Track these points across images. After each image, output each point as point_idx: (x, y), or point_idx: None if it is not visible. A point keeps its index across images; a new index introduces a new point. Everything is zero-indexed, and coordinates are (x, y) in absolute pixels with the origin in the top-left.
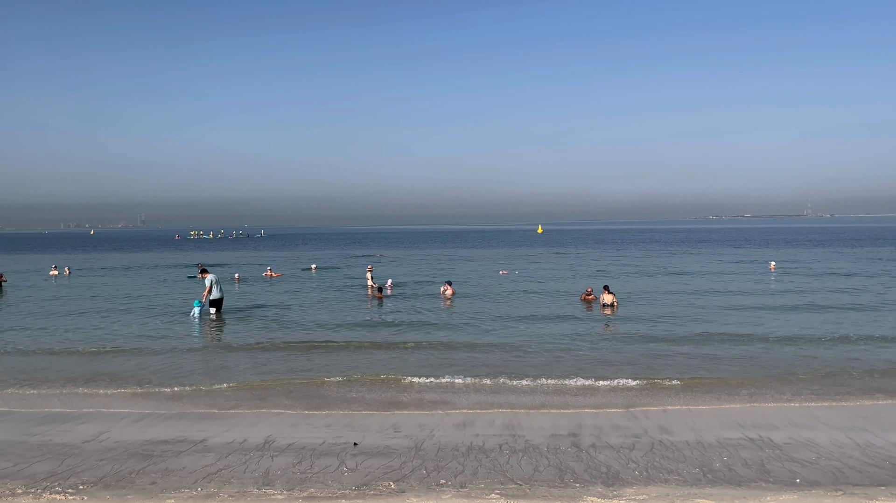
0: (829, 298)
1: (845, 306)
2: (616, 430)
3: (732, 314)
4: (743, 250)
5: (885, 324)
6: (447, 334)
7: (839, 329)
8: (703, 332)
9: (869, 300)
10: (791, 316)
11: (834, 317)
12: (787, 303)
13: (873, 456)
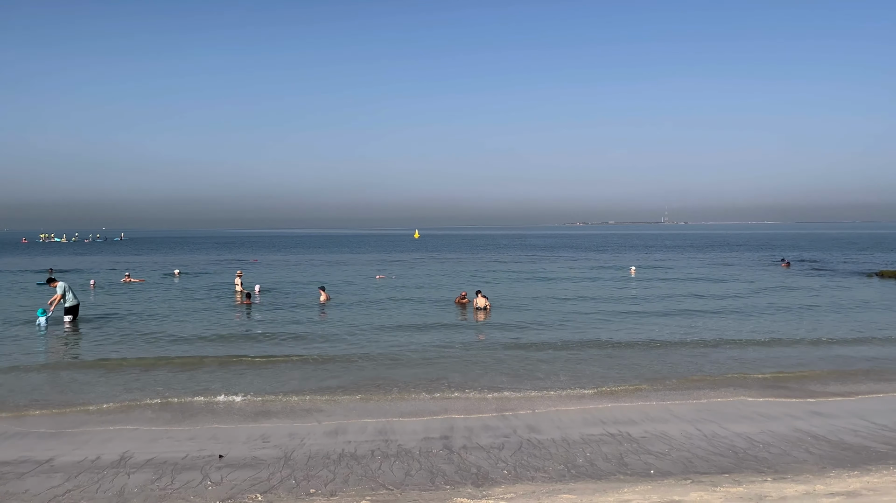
0: (683, 303)
1: (698, 310)
2: (487, 431)
3: (597, 319)
4: (608, 255)
5: (730, 326)
6: (318, 345)
7: (692, 331)
8: (569, 338)
9: (718, 304)
10: (648, 319)
11: (687, 321)
12: (648, 309)
13: (718, 445)
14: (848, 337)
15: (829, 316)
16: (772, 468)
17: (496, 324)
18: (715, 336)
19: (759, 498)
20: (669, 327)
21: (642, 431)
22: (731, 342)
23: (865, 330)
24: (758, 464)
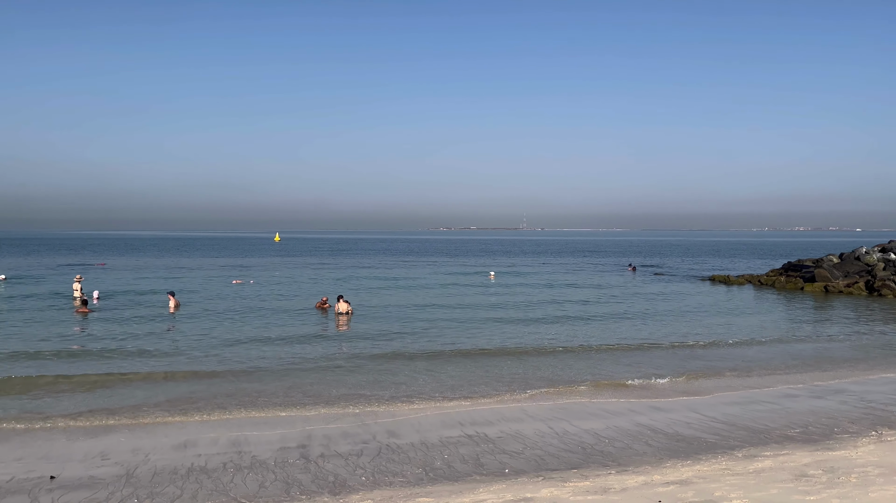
0: (540, 309)
1: (554, 316)
2: (346, 438)
3: (457, 325)
4: (469, 259)
5: (581, 331)
6: (167, 360)
7: (548, 336)
8: (430, 344)
9: (573, 309)
10: (507, 326)
11: (544, 327)
12: (506, 316)
13: (569, 442)
14: (687, 340)
15: (669, 318)
16: (615, 461)
17: (358, 331)
18: (568, 340)
19: (603, 490)
20: (526, 333)
21: (498, 432)
22: (583, 346)
23: (700, 331)
24: (603, 459)
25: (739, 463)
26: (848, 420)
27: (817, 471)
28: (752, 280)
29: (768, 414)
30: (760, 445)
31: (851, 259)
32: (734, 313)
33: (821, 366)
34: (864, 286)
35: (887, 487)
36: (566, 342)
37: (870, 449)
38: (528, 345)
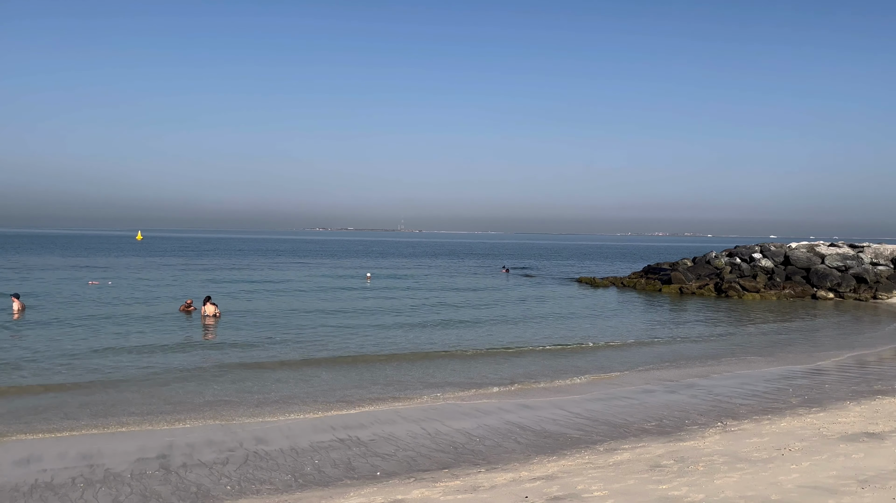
0: (414, 312)
1: (429, 320)
2: (211, 446)
3: (330, 328)
4: (346, 261)
5: (456, 333)
6: (8, 375)
7: (423, 337)
8: (302, 349)
9: (449, 312)
10: (381, 330)
11: (419, 330)
12: (381, 321)
13: (441, 442)
14: (557, 341)
15: (540, 320)
16: (486, 460)
17: (225, 336)
18: (443, 342)
19: (473, 489)
20: (402, 336)
21: (371, 434)
22: (457, 348)
23: (568, 332)
24: (474, 457)
25: (601, 456)
26: (697, 412)
27: (670, 462)
28: (615, 282)
29: (628, 409)
30: (620, 439)
31: (703, 263)
32: (600, 314)
33: (676, 364)
34: (714, 288)
35: (730, 474)
36: (442, 345)
37: (716, 439)
38: (404, 348)
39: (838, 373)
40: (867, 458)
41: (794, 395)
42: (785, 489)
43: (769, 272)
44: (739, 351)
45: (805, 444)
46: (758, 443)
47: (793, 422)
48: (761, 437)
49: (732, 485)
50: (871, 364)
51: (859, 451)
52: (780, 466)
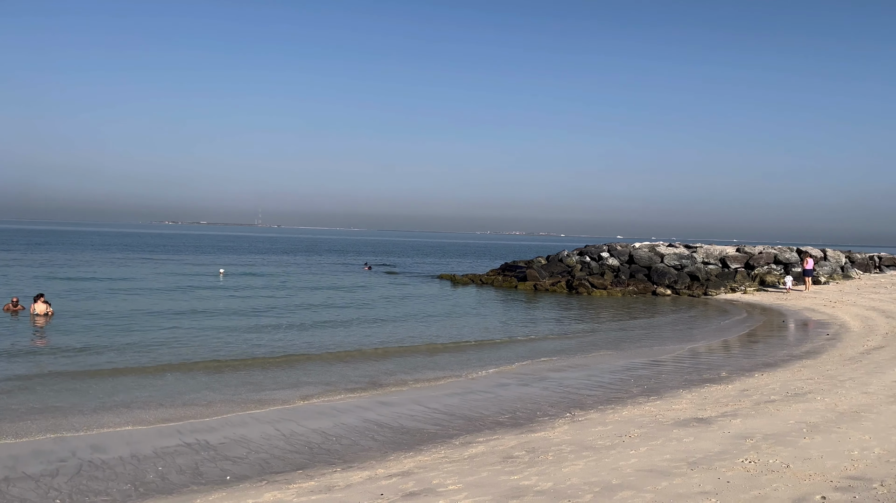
0: (271, 310)
1: (287, 318)
2: (38, 457)
3: (177, 329)
4: (199, 257)
5: (314, 333)
6: None
7: (279, 337)
8: (143, 352)
9: (308, 310)
10: (234, 332)
11: (275, 330)
12: (234, 322)
13: (295, 443)
14: (415, 342)
15: (400, 318)
16: (342, 459)
17: (58, 340)
18: (300, 342)
19: (327, 489)
20: (257, 336)
21: (221, 438)
22: (317, 350)
23: (427, 330)
24: (330, 457)
25: (456, 450)
26: (548, 404)
27: (522, 452)
28: (474, 279)
29: (483, 402)
30: (475, 432)
31: (556, 261)
32: (459, 311)
33: (530, 358)
34: (566, 285)
35: (577, 462)
36: (301, 346)
37: (565, 429)
38: (260, 351)
39: (674, 363)
40: (696, 442)
41: (636, 385)
42: (625, 473)
43: (615, 270)
44: (588, 344)
45: (643, 431)
46: (602, 432)
47: (633, 411)
48: (605, 426)
49: (578, 472)
50: (702, 355)
51: (690, 436)
52: (621, 452)
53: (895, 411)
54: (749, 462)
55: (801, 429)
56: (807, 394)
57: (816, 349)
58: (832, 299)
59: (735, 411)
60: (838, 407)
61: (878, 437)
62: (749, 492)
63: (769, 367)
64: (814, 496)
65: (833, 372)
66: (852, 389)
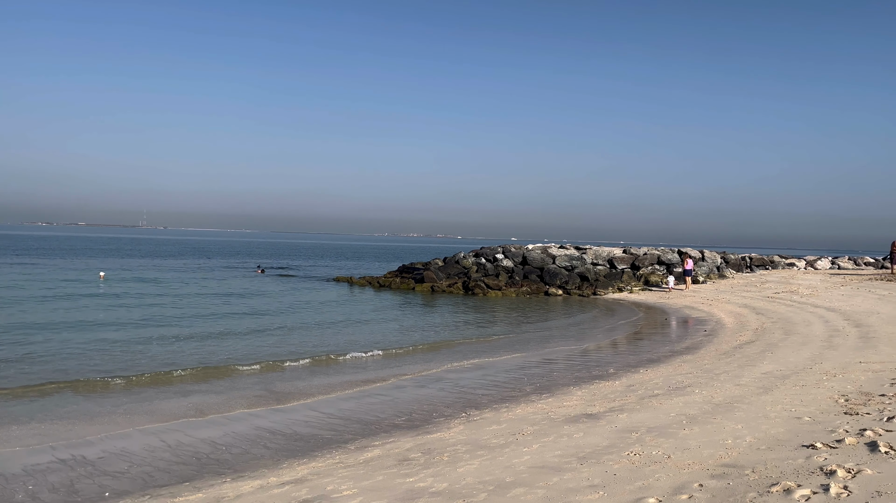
0: (156, 317)
1: (175, 325)
2: None
3: (50, 342)
4: (79, 260)
5: (204, 342)
6: None
7: (167, 346)
8: (14, 368)
9: (196, 317)
10: (115, 344)
11: (154, 345)
12: (115, 335)
13: (182, 454)
14: (313, 342)
15: (292, 325)
16: (232, 468)
17: None
18: (189, 353)
19: (216, 500)
20: (140, 352)
21: (100, 452)
22: (208, 361)
23: (321, 331)
24: (219, 467)
25: (351, 455)
26: (444, 405)
27: (417, 454)
28: (371, 281)
29: (380, 405)
30: (371, 436)
31: (453, 262)
32: (357, 315)
33: (426, 359)
34: (462, 286)
35: (471, 461)
36: (186, 355)
37: (460, 429)
38: (144, 362)
39: (565, 361)
40: (586, 437)
41: (529, 384)
42: (518, 471)
43: (510, 271)
44: (484, 344)
45: (536, 428)
46: (496, 430)
47: (526, 409)
48: (500, 424)
49: (473, 472)
50: (592, 353)
51: (580, 431)
52: (514, 450)
53: (764, 401)
54: (634, 454)
55: (682, 421)
56: (686, 388)
57: (695, 345)
58: (709, 297)
59: (622, 406)
60: (714, 399)
61: (749, 426)
62: (634, 484)
63: (653, 363)
64: (692, 484)
65: (710, 366)
66: (727, 382)
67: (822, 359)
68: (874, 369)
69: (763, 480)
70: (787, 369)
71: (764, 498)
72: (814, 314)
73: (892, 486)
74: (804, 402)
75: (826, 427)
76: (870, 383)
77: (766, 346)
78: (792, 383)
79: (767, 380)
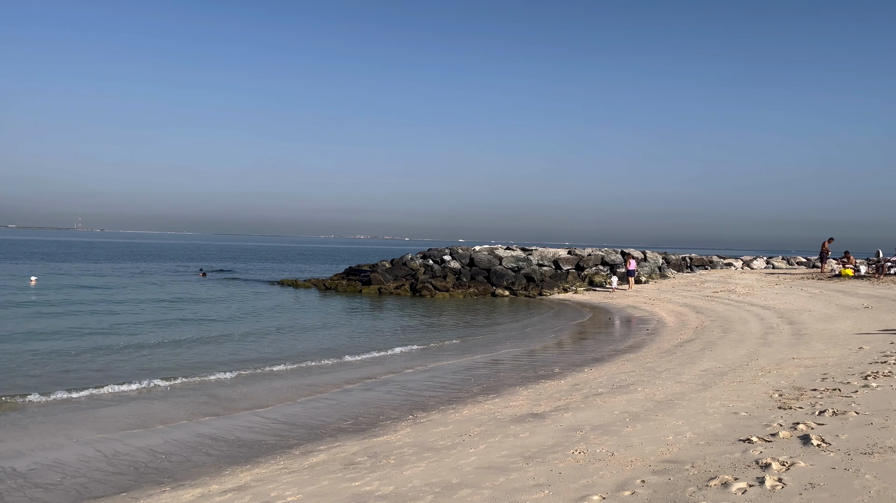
0: (90, 325)
1: (110, 332)
2: None
3: None
4: (8, 264)
5: (139, 350)
6: None
7: (100, 354)
8: None
9: (136, 330)
10: (46, 355)
11: (96, 347)
12: (50, 347)
13: (119, 464)
14: (257, 347)
15: (239, 327)
16: (172, 477)
17: None
18: (123, 363)
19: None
20: (73, 362)
21: (31, 463)
22: (145, 368)
23: (262, 339)
24: (158, 476)
25: (296, 460)
26: (391, 408)
27: (364, 458)
28: (317, 284)
29: (326, 410)
30: (316, 440)
31: (400, 264)
32: (301, 317)
33: (372, 362)
34: (410, 288)
35: (418, 464)
36: (119, 365)
37: (407, 431)
38: (73, 374)
39: (512, 362)
40: (532, 436)
41: (476, 385)
42: (464, 472)
43: (457, 272)
44: (431, 346)
45: (482, 429)
46: (443, 432)
47: (473, 409)
48: (446, 426)
49: (419, 474)
50: (538, 352)
51: (525, 431)
52: (461, 451)
53: (704, 398)
54: (579, 453)
55: (625, 419)
56: (629, 386)
57: (638, 344)
58: (651, 297)
59: (567, 405)
60: (656, 396)
61: (689, 423)
62: (578, 482)
63: (597, 362)
64: (635, 480)
65: (652, 364)
66: (668, 379)
67: (757, 356)
68: (806, 365)
69: (702, 475)
70: (725, 366)
71: (703, 492)
72: (750, 312)
73: (823, 478)
74: (741, 398)
75: (761, 421)
76: (802, 378)
77: (705, 344)
78: (729, 380)
79: (707, 377)
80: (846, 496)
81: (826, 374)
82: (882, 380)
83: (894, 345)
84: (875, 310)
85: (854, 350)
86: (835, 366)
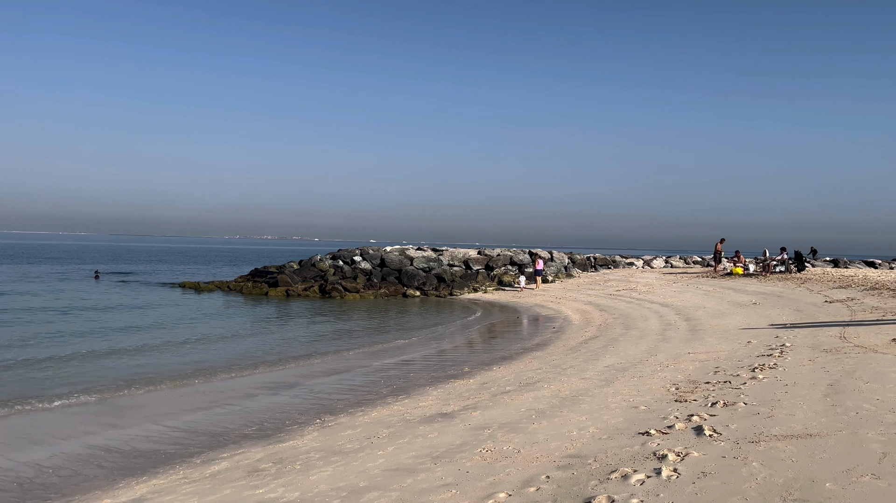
0: None
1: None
2: None
3: None
4: None
5: (25, 352)
6: None
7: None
8: None
9: (23, 333)
10: None
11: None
12: None
13: (1, 480)
14: (156, 355)
15: (135, 332)
16: (59, 493)
17: None
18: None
19: None
20: None
21: None
22: (33, 374)
23: (165, 339)
24: (45, 492)
25: (197, 469)
26: (298, 412)
27: (268, 464)
28: (221, 286)
29: (229, 416)
30: (219, 448)
31: (309, 265)
32: (202, 321)
33: (279, 366)
34: (319, 289)
35: (325, 468)
36: (3, 375)
37: (314, 436)
38: None
39: (422, 362)
40: (440, 436)
41: (386, 386)
42: (372, 475)
43: (368, 273)
44: (340, 348)
45: (391, 430)
46: (352, 435)
47: (383, 411)
48: (355, 429)
49: (326, 479)
50: (448, 352)
51: (434, 431)
52: (369, 454)
53: (606, 393)
54: (486, 451)
55: (531, 416)
56: (536, 383)
57: (545, 341)
58: (558, 296)
59: (476, 404)
60: (561, 393)
61: (593, 418)
62: (485, 480)
63: (506, 360)
64: (540, 476)
65: (558, 361)
66: (573, 376)
67: (656, 352)
68: (700, 359)
69: (604, 468)
70: (627, 362)
71: (604, 485)
72: (650, 310)
73: (715, 467)
74: (641, 392)
75: (659, 414)
76: (697, 372)
77: (608, 341)
78: (630, 375)
79: (609, 372)
80: (735, 483)
81: (718, 368)
82: (768, 373)
83: (779, 339)
84: (762, 307)
85: (743, 344)
86: (726, 359)
